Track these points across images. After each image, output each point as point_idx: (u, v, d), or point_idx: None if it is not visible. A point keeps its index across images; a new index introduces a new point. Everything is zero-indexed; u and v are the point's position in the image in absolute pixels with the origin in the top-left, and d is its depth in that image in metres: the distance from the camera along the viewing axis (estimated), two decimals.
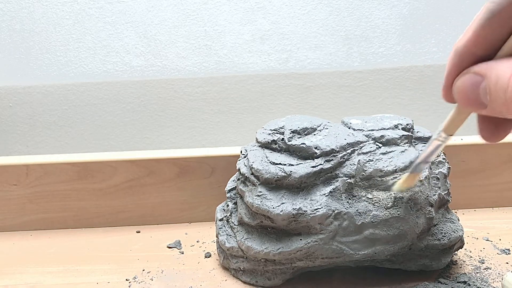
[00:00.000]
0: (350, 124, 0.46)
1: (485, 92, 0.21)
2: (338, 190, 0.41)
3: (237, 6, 0.67)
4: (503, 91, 0.20)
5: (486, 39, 0.21)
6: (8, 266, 0.48)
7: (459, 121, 0.27)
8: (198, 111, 0.70)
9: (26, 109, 0.69)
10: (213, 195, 0.57)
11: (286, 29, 0.68)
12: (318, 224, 0.40)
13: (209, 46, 0.68)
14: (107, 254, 0.50)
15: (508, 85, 0.20)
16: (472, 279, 0.42)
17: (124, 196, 0.56)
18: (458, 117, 0.27)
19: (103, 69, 0.68)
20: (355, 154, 0.42)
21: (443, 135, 0.29)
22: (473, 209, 0.59)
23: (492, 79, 0.20)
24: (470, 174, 0.58)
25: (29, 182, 0.55)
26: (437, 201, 0.42)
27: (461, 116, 0.27)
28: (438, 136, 0.30)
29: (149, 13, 0.66)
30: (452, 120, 0.28)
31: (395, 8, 0.68)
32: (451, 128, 0.28)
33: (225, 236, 0.46)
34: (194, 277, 0.45)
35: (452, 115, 0.27)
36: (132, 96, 0.69)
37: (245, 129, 0.71)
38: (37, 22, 0.66)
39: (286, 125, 0.45)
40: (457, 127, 0.28)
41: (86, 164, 0.55)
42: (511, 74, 0.20)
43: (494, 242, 0.50)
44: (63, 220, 0.57)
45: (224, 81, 0.69)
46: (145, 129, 0.70)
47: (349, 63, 0.69)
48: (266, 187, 0.42)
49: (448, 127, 0.28)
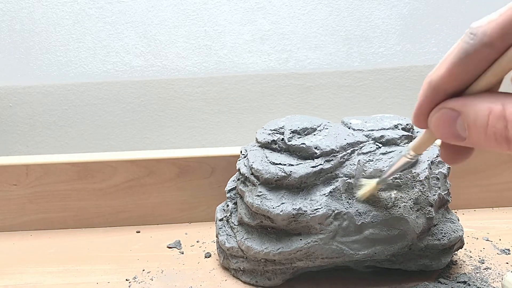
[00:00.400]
0: (350, 124, 0.46)
1: (463, 128, 0.22)
2: (338, 190, 0.41)
3: (237, 6, 0.67)
4: (483, 128, 0.21)
5: (458, 76, 0.22)
6: (8, 266, 0.48)
7: (429, 143, 0.30)
8: (198, 111, 0.70)
9: (26, 109, 0.69)
10: (213, 195, 0.57)
11: (286, 29, 0.68)
12: (318, 224, 0.40)
13: (209, 46, 0.68)
14: (107, 254, 0.50)
15: (488, 123, 0.21)
16: (472, 279, 0.42)
17: (124, 196, 0.56)
18: (428, 140, 0.29)
19: (103, 69, 0.68)
20: (355, 154, 0.42)
21: (412, 153, 0.32)
22: (473, 209, 0.59)
23: (471, 117, 0.21)
24: (470, 174, 0.58)
25: (29, 182, 0.55)
26: (437, 201, 0.42)
27: (431, 139, 0.29)
28: (407, 153, 0.32)
29: (149, 13, 0.66)
30: (422, 142, 0.30)
31: (395, 8, 0.68)
32: (420, 148, 0.31)
33: (225, 236, 0.46)
34: (194, 277, 0.45)
35: (422, 137, 0.30)
36: (132, 96, 0.69)
37: (245, 129, 0.71)
38: (37, 22, 0.66)
39: (286, 125, 0.45)
40: (426, 148, 0.31)
41: (86, 164, 0.55)
42: (489, 112, 0.21)
43: (494, 242, 0.50)
44: (63, 220, 0.57)
45: (224, 81, 0.69)
46: (145, 129, 0.70)
47: (349, 63, 0.69)
48: (266, 187, 0.42)
49: (418, 147, 0.31)
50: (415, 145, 0.31)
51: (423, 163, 0.43)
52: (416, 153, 0.32)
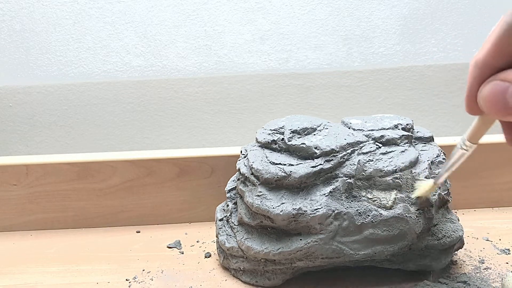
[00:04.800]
0: (350, 124, 0.46)
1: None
2: (338, 190, 0.41)
3: (237, 6, 0.67)
4: None
5: (505, 50, 0.22)
6: (8, 266, 0.48)
7: (484, 129, 0.28)
8: (198, 111, 0.70)
9: (26, 109, 0.69)
10: (213, 195, 0.57)
11: (286, 29, 0.68)
12: (318, 224, 0.40)
13: (209, 46, 0.68)
14: (107, 254, 0.50)
15: None
16: (472, 279, 0.42)
17: (124, 196, 0.56)
18: (482, 125, 0.28)
19: (103, 69, 0.68)
20: (355, 154, 0.42)
21: (467, 143, 0.30)
22: (473, 209, 0.59)
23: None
24: (470, 174, 0.58)
25: (29, 182, 0.55)
26: (437, 201, 0.42)
27: (486, 125, 0.28)
28: (462, 145, 0.30)
29: (149, 13, 0.66)
30: (476, 129, 0.28)
31: (395, 8, 0.68)
32: (475, 136, 0.29)
33: (225, 236, 0.46)
34: (194, 277, 0.45)
35: (476, 124, 0.28)
36: (132, 96, 0.69)
37: (245, 129, 0.71)
38: (37, 22, 0.66)
39: (286, 125, 0.45)
40: (481, 136, 0.29)
41: (86, 164, 0.55)
42: None
43: (494, 242, 0.50)
44: (63, 220, 0.57)
45: (224, 81, 0.69)
46: (145, 129, 0.70)
47: (349, 63, 0.69)
48: (266, 187, 0.42)
49: (473, 136, 0.29)
50: (469, 134, 0.29)
51: (423, 163, 0.43)
52: (472, 142, 0.30)
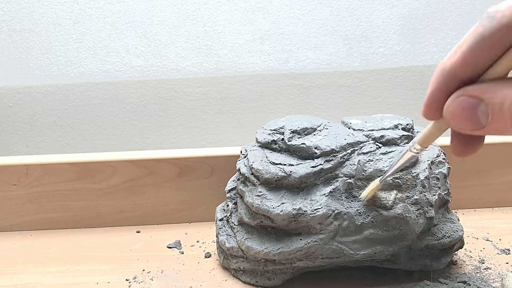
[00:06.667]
0: (350, 124, 0.46)
1: (485, 115, 0.22)
2: (338, 190, 0.41)
3: (237, 6, 0.67)
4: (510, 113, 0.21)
5: (475, 63, 0.22)
6: (8, 266, 0.48)
7: (436, 135, 0.29)
8: (198, 111, 0.70)
9: (26, 109, 0.69)
10: (213, 195, 0.57)
11: (286, 29, 0.68)
12: (318, 224, 0.40)
13: (209, 46, 0.68)
14: (107, 254, 0.50)
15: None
16: (472, 279, 0.42)
17: (124, 196, 0.56)
18: (436, 132, 0.28)
19: (103, 69, 0.68)
20: (355, 154, 0.42)
21: (417, 147, 0.31)
22: (473, 209, 0.59)
23: (496, 103, 0.21)
24: (470, 174, 0.58)
25: (29, 182, 0.55)
26: (437, 201, 0.42)
27: (439, 131, 0.28)
28: (412, 147, 0.31)
29: (149, 13, 0.66)
30: (429, 134, 0.29)
31: (395, 8, 0.68)
32: (427, 141, 0.30)
33: (225, 236, 0.46)
34: (194, 277, 0.45)
35: (429, 129, 0.28)
36: (132, 96, 0.69)
37: (245, 129, 0.71)
38: (37, 22, 0.66)
39: (286, 125, 0.45)
40: (433, 141, 0.30)
41: (86, 164, 0.55)
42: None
43: (494, 242, 0.50)
44: (63, 220, 0.57)
45: (224, 81, 0.69)
46: (145, 129, 0.70)
47: (349, 63, 0.69)
48: (266, 187, 0.42)
49: (425, 140, 0.30)
50: (421, 138, 0.30)
51: (423, 163, 0.43)
52: (422, 146, 0.31)
